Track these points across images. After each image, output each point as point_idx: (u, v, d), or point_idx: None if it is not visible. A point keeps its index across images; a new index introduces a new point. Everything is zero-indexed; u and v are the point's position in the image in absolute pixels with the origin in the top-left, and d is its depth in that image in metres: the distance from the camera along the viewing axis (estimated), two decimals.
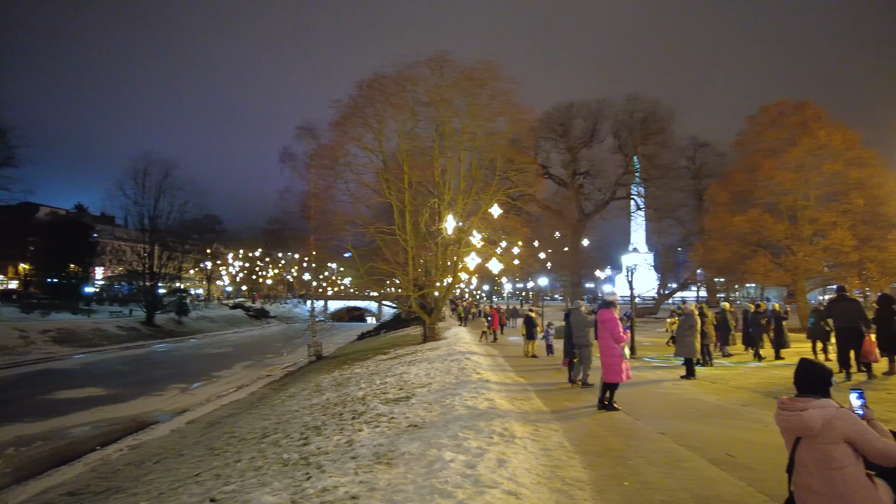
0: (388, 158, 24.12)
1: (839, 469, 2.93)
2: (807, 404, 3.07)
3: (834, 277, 27.03)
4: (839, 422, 2.96)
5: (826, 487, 2.95)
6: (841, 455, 2.93)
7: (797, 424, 3.07)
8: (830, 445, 2.95)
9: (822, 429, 2.97)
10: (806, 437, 3.04)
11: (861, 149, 26.39)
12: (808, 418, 3.00)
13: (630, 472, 5.09)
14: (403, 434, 6.89)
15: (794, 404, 3.14)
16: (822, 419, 2.98)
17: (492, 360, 15.98)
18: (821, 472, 2.97)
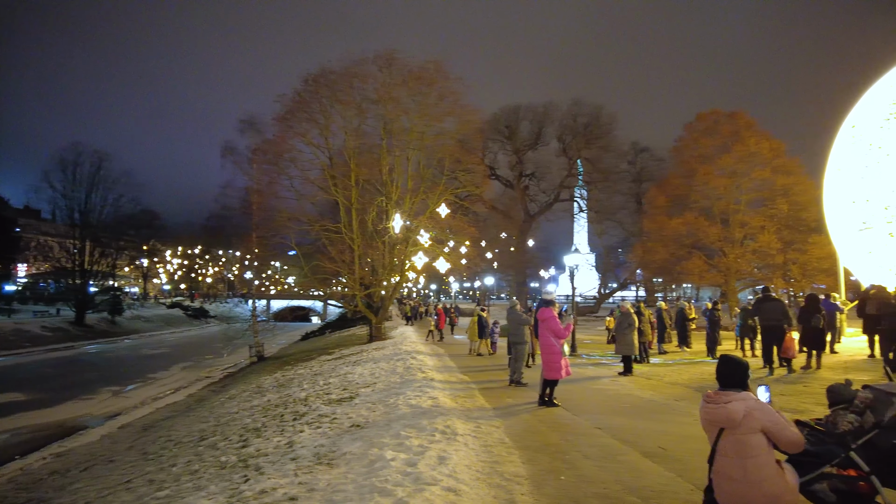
0: (335, 155, 23.82)
1: (754, 457, 3.15)
2: (730, 397, 3.28)
3: (762, 278, 28.62)
4: (758, 413, 3.19)
5: (741, 474, 3.16)
6: (756, 443, 3.15)
7: (723, 416, 3.26)
8: (748, 435, 3.17)
9: (743, 419, 3.18)
10: (729, 427, 3.23)
11: (786, 157, 28.13)
12: (733, 410, 3.21)
13: (567, 466, 5.24)
14: (345, 434, 6.84)
15: (718, 398, 3.34)
16: (744, 411, 3.20)
17: (437, 359, 16.04)
18: (738, 459, 3.19)
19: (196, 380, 23.98)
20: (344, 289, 26.45)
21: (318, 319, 65.54)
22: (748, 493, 3.18)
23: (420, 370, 12.28)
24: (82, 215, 43.58)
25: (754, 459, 3.16)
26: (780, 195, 27.38)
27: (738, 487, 3.21)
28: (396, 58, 22.87)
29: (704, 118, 31.70)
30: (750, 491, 3.17)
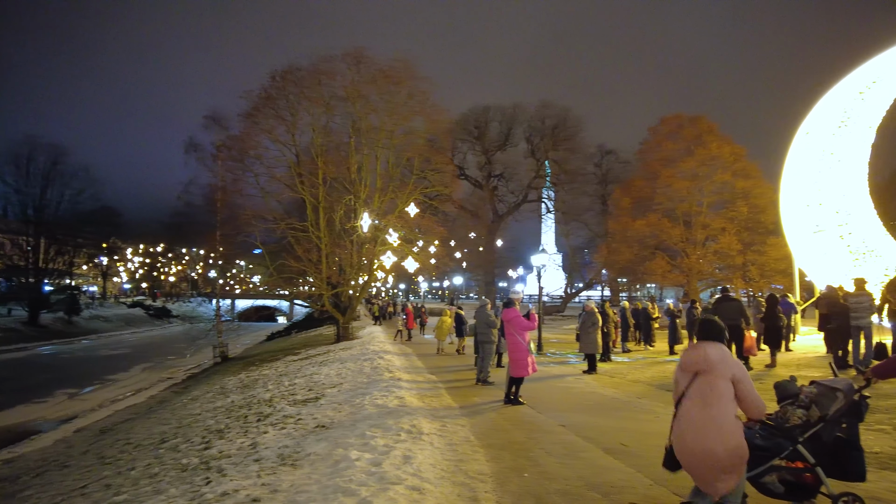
0: (302, 153, 23.53)
1: (718, 400, 3.38)
2: (707, 345, 3.57)
3: (722, 278, 29.40)
4: (732, 362, 3.49)
5: (703, 413, 3.39)
6: (724, 389, 3.40)
7: (700, 357, 3.52)
8: (719, 379, 3.42)
9: (717, 363, 3.45)
10: (703, 370, 3.48)
11: (746, 161, 28.99)
12: (711, 353, 3.50)
13: (531, 463, 5.30)
14: (310, 435, 6.78)
15: (699, 345, 3.62)
16: (720, 356, 3.49)
17: (405, 358, 16.01)
18: (704, 399, 3.42)
19: (158, 381, 23.40)
20: (311, 288, 26.13)
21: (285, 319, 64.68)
22: (706, 438, 3.36)
23: (387, 370, 12.24)
24: (37, 211, 41.98)
25: (718, 405, 3.38)
26: (741, 198, 28.22)
27: (698, 427, 3.41)
28: (365, 56, 22.74)
29: (668, 122, 32.41)
30: (707, 435, 3.36)
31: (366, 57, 22.72)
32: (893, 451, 5.34)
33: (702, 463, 3.40)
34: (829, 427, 3.67)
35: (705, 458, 3.37)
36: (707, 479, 3.41)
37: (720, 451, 3.33)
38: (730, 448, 3.34)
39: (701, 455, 3.39)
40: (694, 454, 3.43)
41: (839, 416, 3.67)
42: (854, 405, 3.67)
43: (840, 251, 16.61)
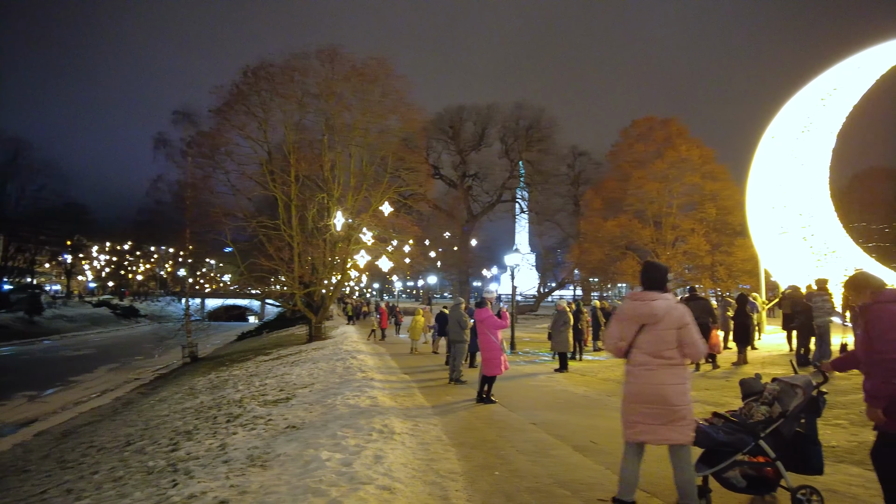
0: (274, 150, 23.28)
1: (668, 352, 3.58)
2: (655, 296, 3.67)
3: (691, 278, 30.04)
4: (676, 311, 3.61)
5: (655, 358, 3.58)
6: (671, 339, 3.58)
7: (647, 311, 3.63)
8: (666, 331, 3.57)
9: (665, 315, 3.58)
10: (650, 323, 3.61)
11: (715, 164, 29.68)
12: (657, 306, 3.60)
13: (502, 461, 5.33)
14: (281, 435, 6.70)
15: (644, 296, 3.70)
16: (666, 308, 3.61)
17: (378, 358, 15.95)
18: (653, 349, 3.59)
19: (124, 382, 22.87)
20: (282, 287, 25.83)
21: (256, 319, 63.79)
22: (649, 385, 3.57)
23: (360, 370, 12.17)
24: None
25: (669, 350, 3.58)
26: (709, 200, 28.89)
27: (654, 382, 3.58)
28: (339, 53, 22.59)
29: (639, 125, 32.99)
30: (653, 381, 3.57)
31: (340, 54, 22.58)
32: (849, 444, 5.52)
33: (651, 408, 3.57)
34: (788, 422, 3.78)
35: (659, 402, 3.55)
36: (652, 426, 3.57)
37: (675, 398, 3.54)
38: (679, 395, 3.56)
39: (653, 400, 3.57)
40: (645, 400, 3.59)
41: (798, 411, 3.79)
42: (812, 401, 3.80)
43: (803, 252, 17.14)
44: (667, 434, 3.56)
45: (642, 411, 3.61)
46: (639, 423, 3.64)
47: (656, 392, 3.56)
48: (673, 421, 3.54)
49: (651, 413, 3.58)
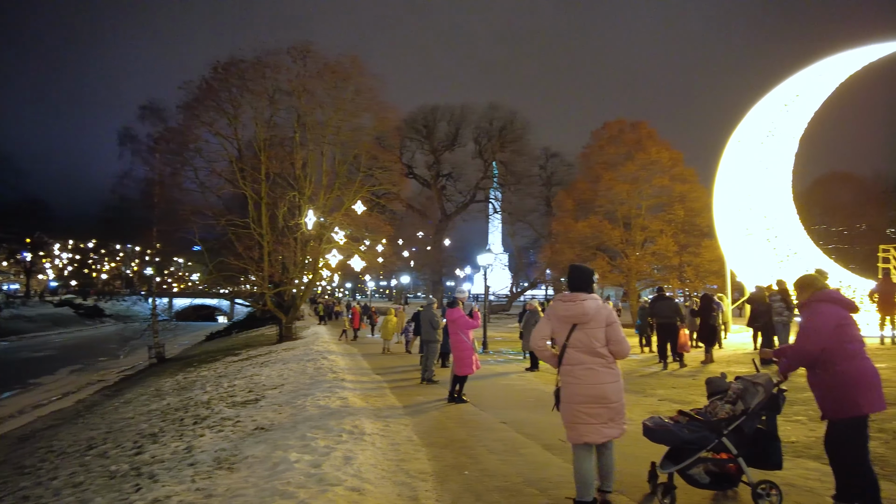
0: (244, 147, 22.95)
1: (600, 349, 3.79)
2: (584, 297, 3.89)
3: (660, 279, 30.57)
4: (605, 310, 3.85)
5: (591, 357, 3.79)
6: (601, 337, 3.80)
7: (579, 311, 3.84)
8: (597, 329, 3.80)
9: (594, 314, 3.81)
10: (581, 322, 3.82)
11: (683, 166, 30.26)
12: (588, 306, 3.83)
13: (472, 461, 5.34)
14: (249, 437, 6.61)
15: (574, 297, 3.92)
16: (596, 307, 3.84)
17: (350, 359, 15.85)
18: (587, 347, 3.80)
19: (87, 384, 22.27)
20: (252, 287, 25.48)
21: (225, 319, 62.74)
22: (599, 385, 3.76)
23: (331, 371, 12.08)
24: None
25: (602, 354, 3.80)
26: (678, 201, 29.45)
27: (585, 367, 3.80)
28: (312, 50, 22.37)
29: (610, 127, 33.42)
30: (601, 382, 3.76)
31: (312, 51, 22.37)
32: (808, 440, 5.69)
33: (598, 408, 3.75)
34: (749, 419, 3.90)
35: (602, 402, 3.75)
36: (597, 426, 3.75)
37: (614, 396, 3.78)
38: (617, 392, 3.81)
39: (598, 399, 3.75)
40: (591, 399, 3.76)
41: (759, 409, 3.91)
42: (773, 398, 3.91)
43: (767, 253, 17.59)
44: (608, 432, 3.78)
45: (586, 412, 3.77)
46: (582, 424, 3.79)
47: (599, 392, 3.76)
48: (612, 419, 3.77)
49: (594, 413, 3.75)
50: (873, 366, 3.57)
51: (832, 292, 3.80)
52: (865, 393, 3.47)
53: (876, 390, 3.50)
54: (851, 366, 3.51)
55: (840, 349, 3.54)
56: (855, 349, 3.56)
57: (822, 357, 3.57)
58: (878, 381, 3.53)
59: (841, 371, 3.51)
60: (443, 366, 12.77)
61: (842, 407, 3.52)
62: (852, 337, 3.58)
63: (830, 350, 3.54)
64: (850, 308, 3.71)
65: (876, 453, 5.12)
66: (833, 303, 3.71)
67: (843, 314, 3.65)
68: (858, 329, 3.68)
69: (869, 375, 3.51)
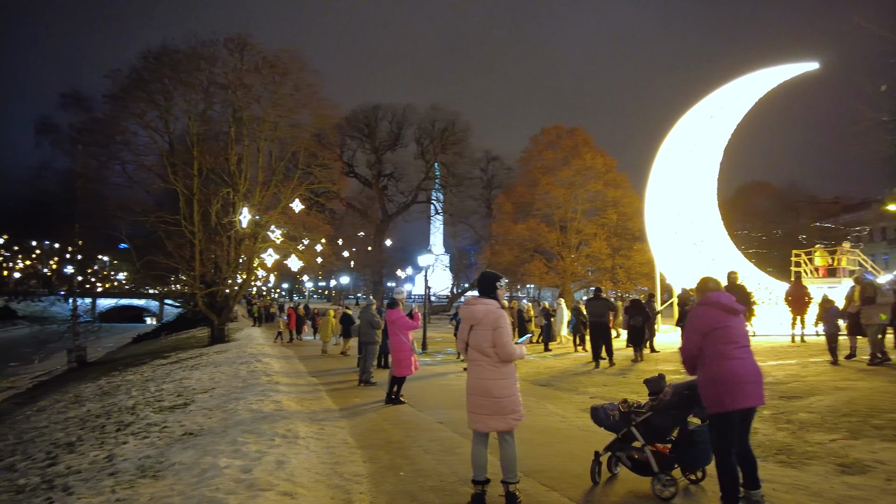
0: (176, 141, 22.02)
1: (489, 346, 4.15)
2: (480, 301, 4.30)
3: (594, 280, 31.66)
4: (492, 315, 4.19)
5: (480, 355, 4.20)
6: (489, 337, 4.15)
7: (471, 314, 4.27)
8: (487, 331, 4.16)
9: (483, 317, 4.18)
10: (474, 323, 4.22)
11: (616, 173, 31.53)
12: (478, 310, 4.24)
13: (407, 462, 5.33)
14: (176, 443, 6.34)
15: (474, 301, 4.35)
16: (485, 311, 4.21)
17: (286, 361, 15.49)
18: (478, 346, 4.20)
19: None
20: (183, 287, 24.44)
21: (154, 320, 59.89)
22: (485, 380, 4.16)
23: (265, 373, 11.78)
24: None
25: (489, 353, 4.17)
26: (611, 206, 30.68)
27: (483, 363, 4.19)
28: (249, 43, 21.77)
29: (548, 132, 34.35)
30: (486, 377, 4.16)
31: (250, 44, 21.78)
32: None
33: (483, 400, 4.14)
34: (657, 415, 4.30)
35: (486, 395, 4.14)
36: (482, 416, 4.15)
37: (498, 392, 4.13)
38: (502, 389, 4.13)
39: (482, 393, 4.15)
40: (477, 392, 4.18)
41: (666, 407, 4.28)
42: (682, 399, 4.21)
43: (693, 257, 18.49)
44: (492, 424, 4.14)
45: (476, 402, 4.20)
46: (473, 414, 4.22)
47: (481, 386, 4.17)
48: (497, 412, 4.12)
49: (480, 404, 4.17)
50: (747, 365, 3.80)
51: (713, 296, 4.00)
52: (731, 391, 3.70)
53: (743, 388, 3.72)
54: (722, 366, 3.75)
55: (713, 350, 3.80)
56: (727, 350, 3.78)
57: (700, 357, 3.87)
58: (748, 380, 3.76)
59: (713, 370, 3.78)
60: (381, 366, 12.68)
61: (711, 403, 3.79)
62: (726, 339, 3.80)
63: (706, 351, 3.82)
64: (728, 311, 3.91)
65: (783, 443, 5.50)
66: (711, 306, 3.95)
67: (720, 317, 3.88)
68: (739, 330, 3.91)
69: (737, 375, 3.73)
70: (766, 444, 5.51)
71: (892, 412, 6.31)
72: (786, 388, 8.14)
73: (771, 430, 5.99)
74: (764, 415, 6.65)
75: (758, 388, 3.80)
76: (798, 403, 7.15)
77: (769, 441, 5.60)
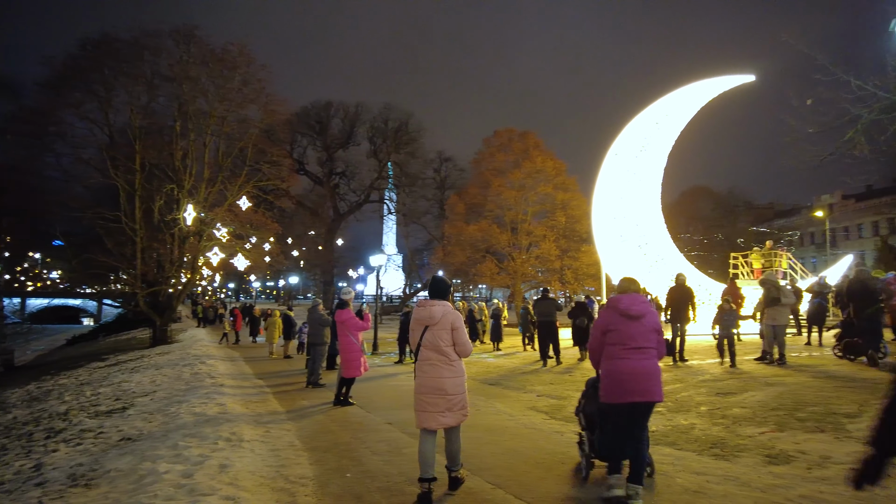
0: (117, 134, 21.15)
1: (445, 348, 4.40)
2: (435, 303, 4.51)
3: (543, 281, 32.25)
4: (450, 315, 4.46)
5: (436, 354, 4.40)
6: (447, 338, 4.41)
7: (428, 315, 4.45)
8: (442, 330, 4.40)
9: (441, 318, 4.41)
10: (430, 324, 4.42)
11: (566, 176, 32.24)
12: (436, 311, 4.45)
13: (354, 463, 5.29)
14: (113, 449, 6.08)
15: (428, 303, 4.54)
16: (442, 312, 4.44)
17: (231, 363, 15.10)
18: (435, 347, 4.40)
19: None
20: (124, 286, 23.47)
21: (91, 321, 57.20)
22: (438, 378, 4.34)
23: (210, 376, 11.45)
24: None
25: (445, 352, 4.40)
26: (560, 209, 31.37)
27: (435, 363, 4.39)
28: (197, 35, 21.14)
29: (500, 135, 34.79)
30: (440, 375, 4.35)
31: (197, 37, 21.17)
32: (665, 429, 6.24)
33: (436, 398, 4.31)
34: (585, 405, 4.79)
35: (440, 393, 4.31)
36: (434, 414, 4.30)
37: (452, 389, 4.34)
38: (455, 387, 4.36)
39: (436, 391, 4.32)
40: (431, 391, 4.34)
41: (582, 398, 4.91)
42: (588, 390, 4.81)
43: (638, 258, 19.10)
44: (444, 420, 4.32)
45: (428, 401, 4.34)
46: (423, 412, 4.35)
47: (438, 385, 4.33)
48: (449, 409, 4.32)
49: (433, 402, 4.32)
50: (632, 365, 4.10)
51: (613, 299, 4.36)
52: (616, 387, 4.11)
53: (625, 385, 4.07)
54: (609, 364, 4.19)
55: (607, 349, 4.24)
56: (615, 350, 4.16)
57: (601, 353, 4.31)
58: (631, 378, 4.07)
59: (605, 367, 4.25)
60: (330, 367, 12.50)
61: (602, 394, 4.24)
62: (616, 340, 4.17)
63: (604, 348, 4.27)
64: (623, 315, 4.20)
65: (717, 437, 5.77)
66: (609, 309, 4.35)
67: (613, 319, 4.23)
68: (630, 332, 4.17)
69: (621, 374, 4.10)
70: (702, 438, 5.76)
71: (815, 405, 6.71)
72: (722, 385, 8.52)
73: (707, 426, 6.26)
74: (701, 411, 6.95)
75: (642, 386, 4.06)
76: (732, 399, 7.50)
77: (705, 436, 5.85)
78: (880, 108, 9.78)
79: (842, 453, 4.91)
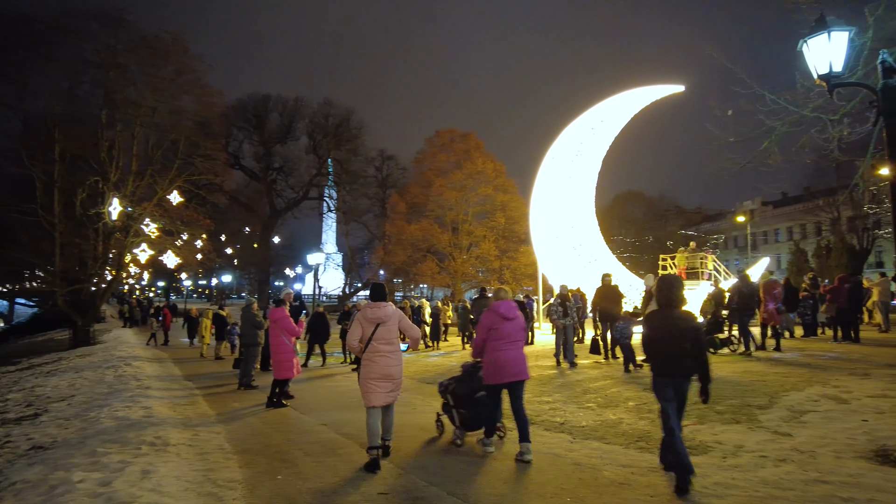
0: (34, 120, 19.73)
1: (395, 340, 5.41)
2: (385, 304, 5.45)
3: (482, 281, 32.66)
4: (397, 313, 5.50)
5: (388, 347, 5.33)
6: (396, 330, 5.44)
7: (382, 314, 5.35)
8: (392, 326, 5.38)
9: (392, 315, 5.39)
10: (383, 321, 5.31)
11: (505, 178, 32.78)
12: (388, 310, 5.41)
13: (286, 465, 5.18)
14: (20, 459, 5.71)
15: (377, 305, 5.41)
16: (392, 310, 5.44)
17: (159, 365, 14.45)
18: (388, 340, 5.34)
19: None
20: (41, 284, 21.97)
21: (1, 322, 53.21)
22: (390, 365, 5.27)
23: (135, 378, 10.93)
24: None
25: (395, 343, 5.39)
26: (499, 210, 31.89)
27: (386, 362, 5.27)
28: (126, 20, 20.03)
29: (443, 135, 34.97)
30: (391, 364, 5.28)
31: (127, 22, 20.05)
32: (595, 424, 6.45)
33: (386, 382, 5.23)
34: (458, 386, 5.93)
35: (389, 378, 5.25)
36: (381, 394, 5.20)
37: (397, 374, 5.34)
38: (399, 372, 5.38)
39: (386, 377, 5.24)
40: (382, 377, 5.22)
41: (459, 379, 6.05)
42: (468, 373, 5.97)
43: (573, 259, 19.64)
44: (388, 399, 5.30)
45: (378, 385, 5.22)
46: (373, 394, 5.20)
47: (388, 371, 5.27)
48: (393, 390, 5.35)
49: (383, 386, 5.24)
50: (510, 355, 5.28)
51: (495, 305, 5.47)
52: (497, 371, 5.28)
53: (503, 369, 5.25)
54: (492, 354, 5.32)
55: (490, 343, 5.36)
56: (497, 344, 5.32)
57: (484, 347, 5.42)
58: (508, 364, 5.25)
59: (488, 356, 5.37)
60: (264, 369, 12.18)
61: (486, 377, 5.42)
62: (497, 336, 5.32)
63: (487, 343, 5.37)
64: (502, 317, 5.37)
65: (643, 430, 6.02)
66: (492, 312, 5.44)
67: (494, 319, 5.39)
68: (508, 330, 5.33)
69: (502, 361, 5.26)
70: (629, 432, 5.99)
71: (732, 399, 7.12)
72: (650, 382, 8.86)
73: (634, 420, 6.51)
74: (629, 406, 7.23)
75: (517, 368, 5.28)
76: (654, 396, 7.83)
77: (632, 430, 6.08)
78: (791, 121, 10.46)
79: (753, 442, 5.26)
